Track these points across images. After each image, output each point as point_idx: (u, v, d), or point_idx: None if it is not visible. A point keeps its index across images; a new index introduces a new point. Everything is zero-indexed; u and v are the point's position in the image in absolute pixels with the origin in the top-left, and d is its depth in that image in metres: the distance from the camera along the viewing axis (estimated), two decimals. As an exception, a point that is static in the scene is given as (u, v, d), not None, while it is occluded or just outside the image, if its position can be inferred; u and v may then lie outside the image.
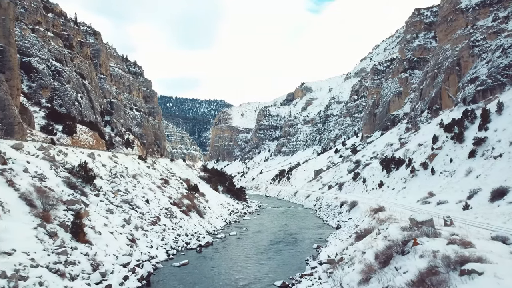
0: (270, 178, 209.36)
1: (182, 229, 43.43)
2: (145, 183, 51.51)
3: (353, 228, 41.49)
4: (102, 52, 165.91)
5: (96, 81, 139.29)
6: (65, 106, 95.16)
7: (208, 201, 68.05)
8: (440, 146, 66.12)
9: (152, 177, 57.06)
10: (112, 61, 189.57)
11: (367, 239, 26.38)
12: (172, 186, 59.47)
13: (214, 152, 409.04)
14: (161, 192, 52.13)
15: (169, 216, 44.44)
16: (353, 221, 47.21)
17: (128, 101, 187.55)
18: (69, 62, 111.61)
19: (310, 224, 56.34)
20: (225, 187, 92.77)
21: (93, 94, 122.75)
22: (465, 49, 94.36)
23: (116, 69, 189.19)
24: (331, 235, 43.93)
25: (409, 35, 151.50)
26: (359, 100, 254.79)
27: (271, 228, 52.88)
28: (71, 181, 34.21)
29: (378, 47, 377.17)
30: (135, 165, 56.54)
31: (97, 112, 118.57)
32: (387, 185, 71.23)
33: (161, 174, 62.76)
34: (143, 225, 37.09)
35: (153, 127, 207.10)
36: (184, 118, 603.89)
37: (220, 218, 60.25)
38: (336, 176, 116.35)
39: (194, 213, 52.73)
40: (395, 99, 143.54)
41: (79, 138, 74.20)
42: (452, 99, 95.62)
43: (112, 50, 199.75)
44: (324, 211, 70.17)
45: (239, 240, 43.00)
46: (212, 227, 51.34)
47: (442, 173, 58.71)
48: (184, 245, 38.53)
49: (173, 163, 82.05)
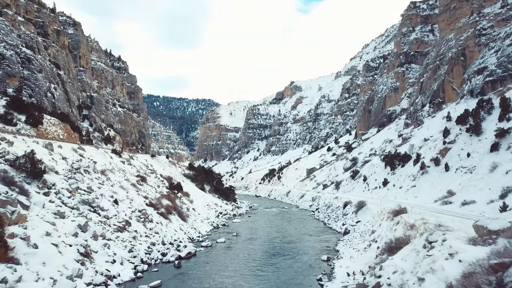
0: (260, 177, 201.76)
1: (159, 235, 35.38)
2: (117, 180, 43.30)
3: (368, 234, 34.01)
4: (83, 44, 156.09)
5: (74, 73, 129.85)
6: (36, 96, 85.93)
7: (192, 201, 60.07)
8: (453, 139, 59.29)
9: (127, 174, 48.83)
10: (94, 55, 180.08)
11: (409, 253, 18.87)
12: (150, 184, 51.30)
13: (202, 152, 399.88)
14: (136, 191, 43.99)
15: (142, 220, 36.33)
16: (364, 225, 39.73)
17: (111, 97, 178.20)
18: (43, 50, 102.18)
19: (310, 228, 48.78)
20: (213, 186, 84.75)
21: (69, 86, 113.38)
22: (471, 38, 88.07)
23: (98, 63, 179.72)
24: (340, 242, 36.36)
25: (405, 29, 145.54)
26: (350, 98, 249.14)
27: (265, 233, 45.14)
28: (7, 176, 25.98)
29: (368, 46, 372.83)
30: (106, 160, 48.25)
31: (74, 105, 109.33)
32: (393, 184, 64.14)
33: (138, 171, 54.51)
34: (106, 232, 29.00)
35: (137, 124, 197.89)
36: (172, 118, 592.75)
37: (206, 221, 52.31)
38: (331, 175, 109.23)
39: (175, 215, 44.67)
40: (391, 95, 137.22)
41: (46, 131, 65.31)
42: (456, 91, 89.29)
43: (94, 44, 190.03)
44: (324, 212, 62.73)
45: (228, 250, 35.14)
46: (196, 233, 43.40)
47: (458, 170, 51.74)
48: (160, 257, 30.57)
49: (154, 159, 73.79)
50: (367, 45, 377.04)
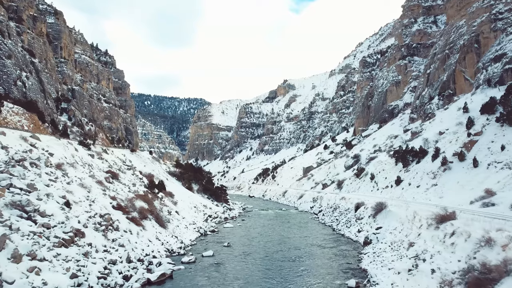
0: (253, 177, 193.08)
1: (124, 249, 26.55)
2: (77, 176, 34.33)
3: (403, 246, 25.53)
4: (64, 34, 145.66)
5: (53, 63, 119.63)
6: (3, 85, 76.19)
7: (177, 203, 51.21)
8: (479, 131, 51.25)
9: (94, 169, 39.82)
10: (78, 47, 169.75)
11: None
12: (123, 182, 42.30)
13: (193, 151, 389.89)
14: (102, 190, 35.04)
15: (103, 228, 27.44)
16: (390, 233, 31.26)
17: (95, 91, 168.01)
18: (14, 35, 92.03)
19: (317, 236, 40.22)
20: (202, 185, 75.80)
21: (45, 76, 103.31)
22: (486, 23, 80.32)
23: (82, 56, 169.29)
24: (363, 257, 27.86)
25: (407, 20, 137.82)
26: (346, 96, 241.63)
27: (264, 244, 36.45)
28: None
29: (361, 45, 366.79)
30: (67, 152, 39.20)
31: (50, 97, 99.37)
32: (408, 182, 55.89)
33: (111, 166, 45.46)
34: (39, 249, 20.12)
35: (124, 121, 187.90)
36: (163, 117, 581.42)
37: (191, 227, 43.50)
38: (331, 173, 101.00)
39: (152, 221, 35.80)
40: (393, 89, 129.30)
41: (6, 120, 56.01)
42: (469, 82, 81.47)
43: (79, 36, 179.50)
44: (329, 215, 54.24)
45: (216, 270, 26.40)
46: (177, 243, 34.60)
47: (491, 165, 43.65)
48: (120, 282, 21.78)
49: (134, 154, 64.74)
50: (361, 44, 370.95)
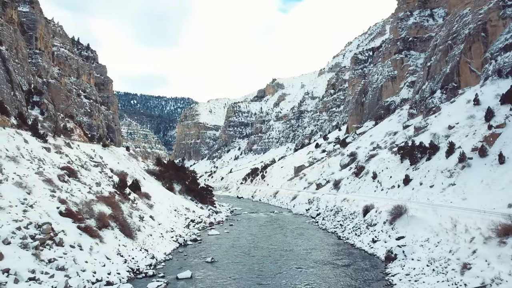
0: (242, 177, 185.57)
1: (64, 273, 18.89)
2: (17, 173, 26.55)
3: (451, 268, 18.56)
4: (41, 25, 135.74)
5: (25, 53, 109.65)
6: (-42, 72, 67.57)
7: (153, 206, 43.55)
8: (502, 122, 44.88)
9: (45, 165, 31.97)
10: (57, 40, 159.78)
11: None
12: (83, 182, 34.45)
13: (180, 151, 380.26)
14: (50, 191, 27.28)
15: (36, 244, 19.78)
16: (421, 246, 24.19)
17: (75, 86, 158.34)
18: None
19: (321, 247, 33.02)
20: (185, 185, 68.06)
21: (15, 67, 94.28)
22: (493, 10, 74.50)
23: (61, 49, 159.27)
24: (394, 281, 20.74)
25: (402, 13, 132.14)
26: (336, 94, 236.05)
27: (257, 259, 29.07)
28: None
29: (350, 44, 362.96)
30: (11, 144, 31.25)
31: (18, 88, 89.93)
32: (418, 181, 49.18)
33: (70, 162, 37.55)
34: None
35: (105, 118, 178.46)
36: (149, 116, 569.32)
37: (168, 236, 35.91)
38: (325, 173, 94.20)
39: (114, 230, 28.14)
40: (388, 84, 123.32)
41: (-49, 109, 47.73)
42: (475, 73, 75.57)
43: (58, 28, 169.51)
44: (331, 220, 47.17)
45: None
46: (147, 258, 27.04)
47: (523, 161, 37.28)
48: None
49: (106, 150, 56.71)
50: (350, 43, 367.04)
